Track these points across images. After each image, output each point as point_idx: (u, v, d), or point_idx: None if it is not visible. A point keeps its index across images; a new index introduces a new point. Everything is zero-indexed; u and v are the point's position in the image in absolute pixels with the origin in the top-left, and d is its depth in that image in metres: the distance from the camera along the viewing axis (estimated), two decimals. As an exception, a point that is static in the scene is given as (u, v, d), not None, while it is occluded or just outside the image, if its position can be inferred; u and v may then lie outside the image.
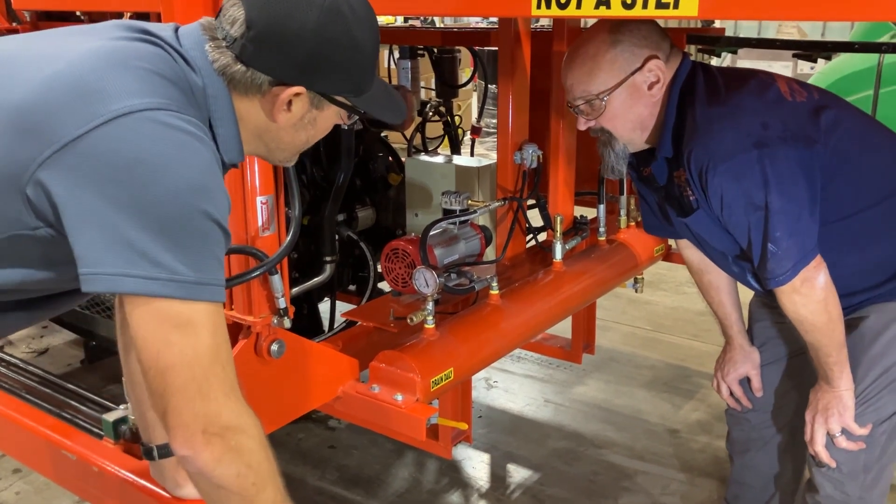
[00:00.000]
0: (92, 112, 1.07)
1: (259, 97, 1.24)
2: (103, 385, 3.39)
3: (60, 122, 1.07)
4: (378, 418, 1.84)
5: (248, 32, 1.19)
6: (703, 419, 3.39)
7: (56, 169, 1.06)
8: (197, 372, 1.10)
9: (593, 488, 2.91)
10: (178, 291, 1.07)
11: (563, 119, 2.50)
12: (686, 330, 4.36)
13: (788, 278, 1.75)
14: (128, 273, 1.05)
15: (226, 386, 1.13)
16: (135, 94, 1.10)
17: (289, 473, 2.96)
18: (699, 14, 1.32)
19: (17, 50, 1.23)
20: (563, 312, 2.35)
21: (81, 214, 1.06)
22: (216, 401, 1.12)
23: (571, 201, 2.65)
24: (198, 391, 1.10)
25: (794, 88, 1.83)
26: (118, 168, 1.05)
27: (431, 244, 2.09)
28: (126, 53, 1.16)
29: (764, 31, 11.38)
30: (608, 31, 1.82)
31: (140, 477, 1.63)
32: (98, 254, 1.05)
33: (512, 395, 3.61)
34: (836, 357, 1.82)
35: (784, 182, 1.68)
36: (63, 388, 2.02)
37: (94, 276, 1.06)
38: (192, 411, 1.10)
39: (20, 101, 1.10)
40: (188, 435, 1.11)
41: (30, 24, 3.80)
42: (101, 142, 1.06)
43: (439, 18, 8.50)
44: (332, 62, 1.23)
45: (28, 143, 1.08)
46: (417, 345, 1.89)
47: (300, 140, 1.34)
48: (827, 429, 1.87)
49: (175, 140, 1.09)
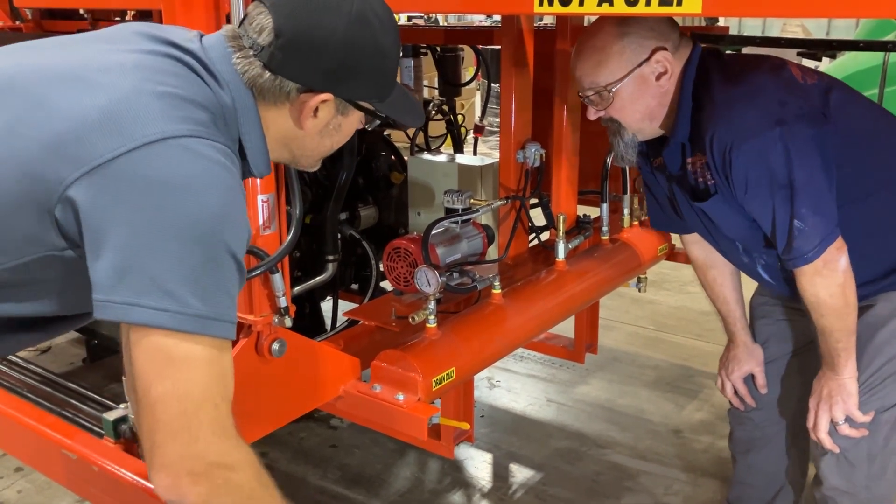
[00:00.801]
0: (124, 137, 1.07)
1: (287, 105, 1.25)
2: (105, 383, 3.39)
3: (92, 145, 1.07)
4: (380, 418, 1.84)
5: (277, 41, 1.20)
6: (707, 419, 3.38)
7: (84, 188, 1.07)
8: (187, 408, 1.07)
9: (596, 488, 2.90)
10: (185, 325, 1.06)
11: (566, 117, 2.49)
12: (690, 329, 4.34)
13: (816, 254, 1.73)
14: (137, 303, 1.04)
15: (216, 425, 1.09)
16: (166, 121, 1.10)
17: (290, 473, 2.95)
18: (703, 11, 1.31)
19: (47, 63, 1.20)
20: (565, 312, 2.34)
21: (101, 234, 1.06)
22: (203, 440, 1.08)
23: (574, 200, 2.64)
24: (185, 428, 1.07)
25: (804, 71, 1.85)
26: (143, 192, 1.06)
27: (433, 243, 2.08)
28: (158, 76, 1.15)
29: (768, 29, 11.37)
30: (616, 23, 1.83)
31: (140, 477, 1.62)
32: (111, 280, 1.05)
33: (514, 395, 3.60)
34: (844, 343, 1.81)
35: (806, 158, 1.68)
36: (63, 387, 2.02)
37: (105, 303, 1.06)
38: (176, 450, 1.07)
39: (60, 131, 1.09)
40: (173, 475, 1.07)
41: (33, 23, 3.80)
42: (130, 166, 1.06)
43: (443, 17, 8.50)
44: (360, 69, 1.24)
45: (59, 165, 1.08)
46: (419, 344, 1.88)
47: (325, 146, 1.35)
48: (830, 416, 1.87)
49: (202, 168, 1.09)
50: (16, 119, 1.12)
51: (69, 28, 3.68)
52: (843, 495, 1.95)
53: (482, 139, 3.64)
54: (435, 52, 3.39)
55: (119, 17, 4.08)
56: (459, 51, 3.43)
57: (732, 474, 2.45)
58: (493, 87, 3.60)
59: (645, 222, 2.75)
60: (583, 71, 1.89)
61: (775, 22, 8.41)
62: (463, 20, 9.57)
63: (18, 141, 1.11)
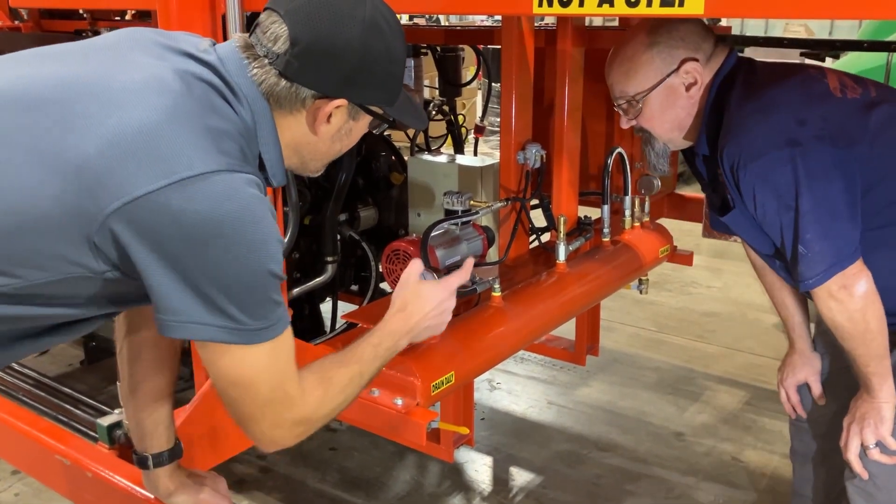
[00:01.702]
0: (163, 170, 1.09)
1: (302, 111, 1.28)
2: (103, 385, 3.38)
3: (128, 175, 1.09)
4: (378, 423, 1.82)
5: (294, 49, 1.22)
6: (709, 422, 3.35)
7: (127, 222, 1.09)
8: (257, 401, 1.23)
9: (597, 492, 2.88)
10: (244, 338, 1.17)
11: (567, 118, 2.47)
12: (691, 331, 4.32)
13: (819, 282, 1.67)
14: (205, 322, 1.15)
15: (283, 406, 1.25)
16: (204, 154, 1.12)
17: (289, 476, 2.94)
18: (705, 12, 1.28)
19: (73, 75, 1.19)
20: (566, 315, 2.32)
21: (155, 267, 1.12)
22: (287, 404, 1.26)
23: (575, 201, 2.61)
24: (259, 416, 1.25)
25: (845, 84, 1.76)
26: (187, 229, 1.10)
27: (433, 245, 2.06)
28: (189, 102, 1.16)
29: (771, 29, 11.33)
30: (646, 33, 1.81)
31: (134, 483, 1.60)
32: (177, 303, 1.13)
33: (515, 397, 3.58)
34: (874, 368, 1.74)
35: (817, 182, 1.62)
36: (58, 391, 2.00)
37: (174, 323, 1.15)
38: (260, 428, 1.26)
39: (86, 155, 1.09)
40: (273, 439, 1.28)
41: (32, 23, 3.78)
42: (174, 201, 1.09)
43: (444, 16, 8.48)
44: (374, 75, 1.27)
45: (98, 192, 1.09)
46: (418, 348, 1.85)
47: (335, 150, 1.37)
48: (861, 439, 1.81)
49: (240, 204, 1.13)
50: (52, 141, 1.11)
51: (68, 28, 3.66)
52: None
53: (483, 139, 3.62)
54: (435, 51, 3.37)
55: (119, 17, 4.06)
56: (460, 51, 3.41)
57: (791, 484, 2.40)
58: (493, 87, 3.57)
59: (646, 224, 2.73)
60: (614, 79, 1.88)
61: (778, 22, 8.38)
62: (464, 20, 9.54)
63: (56, 163, 1.10)
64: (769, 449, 3.14)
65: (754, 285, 5.11)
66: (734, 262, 5.37)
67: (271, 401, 1.24)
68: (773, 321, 4.44)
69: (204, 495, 1.60)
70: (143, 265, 1.12)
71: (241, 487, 2.85)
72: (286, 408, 1.26)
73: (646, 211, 2.73)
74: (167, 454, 1.58)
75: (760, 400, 3.53)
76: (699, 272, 5.03)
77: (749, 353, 4.03)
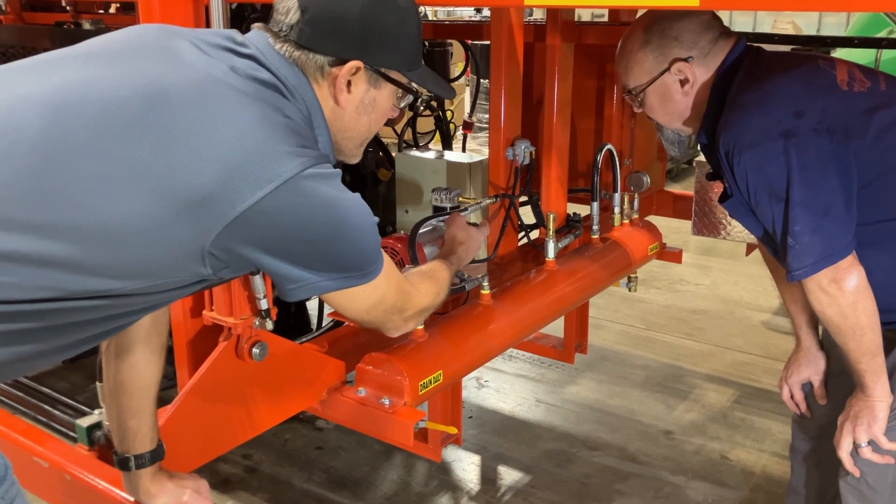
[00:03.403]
0: (258, 181, 1.11)
1: (324, 83, 1.29)
2: (86, 384, 3.32)
3: (231, 192, 1.11)
4: (365, 422, 1.79)
5: (304, 16, 1.25)
6: (697, 420, 3.34)
7: (238, 236, 1.13)
8: (387, 302, 1.40)
9: (585, 491, 2.86)
10: (364, 279, 1.29)
11: (556, 114, 2.44)
12: (679, 329, 4.31)
13: (805, 274, 1.66)
14: (327, 280, 1.24)
15: (403, 299, 1.44)
16: (287, 157, 1.14)
17: (275, 475, 2.90)
18: (700, 4, 1.26)
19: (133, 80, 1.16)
20: (555, 313, 2.29)
21: (272, 262, 1.19)
22: (411, 301, 1.47)
23: (564, 198, 2.60)
24: (392, 317, 1.44)
25: (854, 77, 1.74)
26: (295, 231, 1.16)
27: (421, 242, 2.03)
28: (260, 105, 1.19)
29: (759, 25, 11.35)
30: (642, 30, 1.81)
31: (114, 486, 1.56)
32: (297, 275, 1.21)
33: (503, 395, 3.56)
34: (865, 364, 1.73)
35: (810, 175, 1.61)
36: (36, 391, 1.96)
37: (296, 288, 1.23)
38: (400, 317, 1.46)
39: (186, 183, 1.10)
40: (407, 328, 1.50)
41: (13, 15, 3.72)
42: (273, 209, 1.13)
43: (432, 11, 8.44)
44: (385, 33, 1.29)
45: (200, 216, 1.11)
46: (405, 347, 1.83)
47: (363, 125, 1.37)
48: (853, 437, 1.80)
49: (334, 195, 1.20)
50: (154, 166, 1.11)
51: (49, 20, 3.61)
52: None
53: (471, 136, 3.59)
54: (423, 46, 3.34)
55: (102, 10, 4.01)
56: (448, 46, 3.38)
57: (789, 481, 2.39)
58: (482, 83, 3.55)
59: (635, 221, 2.71)
60: (619, 71, 1.91)
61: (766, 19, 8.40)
62: (452, 14, 9.51)
63: (169, 180, 1.11)
64: (758, 447, 3.13)
65: (742, 283, 5.14)
66: (722, 260, 5.37)
67: (399, 306, 1.43)
68: (760, 319, 4.44)
69: (186, 498, 1.56)
70: (259, 264, 1.20)
71: (226, 487, 2.81)
72: (410, 304, 1.46)
73: (635, 208, 2.71)
74: (149, 455, 1.54)
75: (749, 398, 3.52)
76: (687, 269, 5.02)
77: (737, 350, 4.03)
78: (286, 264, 1.19)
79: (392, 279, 1.40)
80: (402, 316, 1.46)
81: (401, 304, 1.44)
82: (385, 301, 1.39)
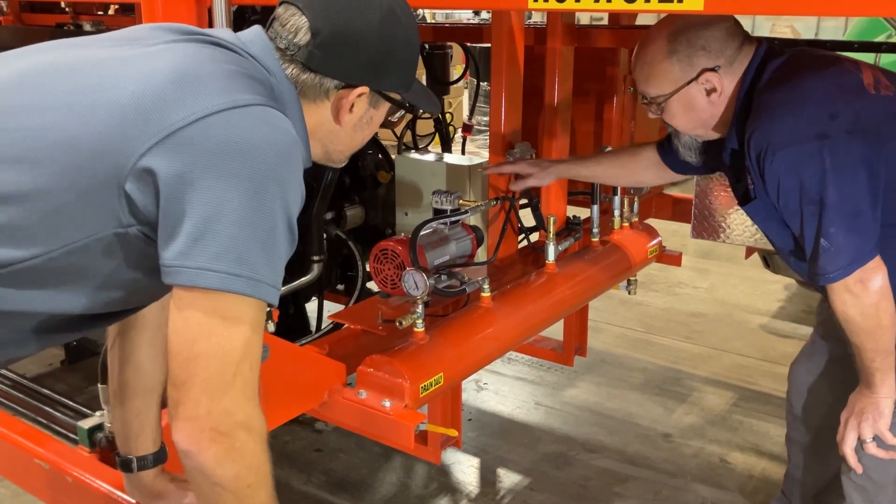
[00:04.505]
0: (194, 105, 1.08)
1: (326, 102, 1.28)
2: (84, 385, 3.31)
3: (161, 115, 1.07)
4: (365, 425, 1.79)
5: (315, 39, 1.23)
6: (696, 423, 3.34)
7: (160, 155, 1.06)
8: (227, 366, 1.08)
9: (584, 493, 2.86)
10: (251, 290, 1.08)
11: (556, 117, 2.45)
12: (678, 332, 4.31)
13: (839, 277, 1.68)
14: (210, 268, 1.05)
15: (248, 387, 1.12)
16: (234, 90, 1.12)
17: (274, 477, 2.89)
18: (705, 9, 1.26)
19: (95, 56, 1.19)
20: (555, 315, 2.30)
21: (177, 201, 1.05)
22: (235, 399, 1.10)
23: (564, 201, 2.60)
24: (221, 385, 1.09)
25: (880, 81, 1.75)
26: (219, 156, 1.06)
27: (421, 245, 2.03)
28: (209, 53, 1.18)
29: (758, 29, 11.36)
30: (666, 38, 1.78)
31: (116, 488, 1.56)
32: (185, 246, 1.05)
33: (502, 398, 3.56)
34: (879, 363, 1.75)
35: (843, 177, 1.62)
36: (37, 393, 1.96)
37: (177, 268, 1.06)
38: (208, 405, 1.08)
39: (121, 103, 1.09)
40: (197, 429, 1.09)
41: (12, 16, 3.72)
42: (205, 131, 1.07)
43: (430, 14, 8.45)
44: (393, 61, 1.29)
45: (131, 136, 1.07)
46: (406, 349, 1.83)
47: (357, 140, 1.37)
48: (859, 433, 1.82)
49: (275, 135, 1.12)
50: (87, 99, 1.10)
51: (49, 21, 3.61)
52: None
53: (470, 138, 3.59)
54: (423, 49, 3.34)
55: (101, 11, 4.00)
56: (448, 48, 3.39)
57: (787, 468, 2.43)
58: (481, 86, 3.55)
59: (635, 224, 2.72)
60: (637, 77, 1.89)
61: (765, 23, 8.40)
62: (450, 17, 9.52)
63: (88, 117, 1.09)
64: (757, 451, 3.13)
65: (741, 286, 5.14)
66: (721, 263, 5.37)
67: (237, 373, 1.09)
68: (759, 322, 4.45)
69: (188, 500, 1.56)
70: (167, 203, 1.06)
71: (225, 489, 2.80)
72: (246, 396, 1.11)
73: (634, 211, 2.71)
74: (152, 457, 1.55)
75: (748, 401, 3.52)
76: (686, 273, 5.02)
77: (736, 353, 4.03)
78: (188, 218, 1.05)
79: (256, 339, 1.11)
80: (220, 404, 1.08)
81: (234, 389, 1.09)
82: (230, 355, 1.08)
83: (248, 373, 1.10)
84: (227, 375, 1.08)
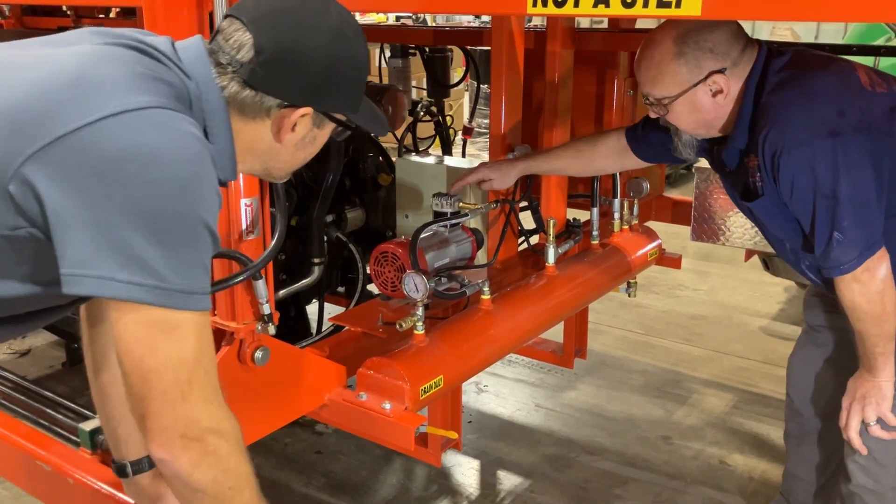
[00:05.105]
0: (87, 108, 1.04)
1: (267, 120, 1.24)
2: (85, 387, 3.30)
3: (52, 118, 1.04)
4: (365, 427, 1.79)
5: (258, 57, 1.19)
6: (696, 425, 3.35)
7: (43, 163, 1.02)
8: (180, 375, 1.08)
9: (584, 496, 2.87)
10: (164, 300, 1.05)
11: (556, 120, 2.45)
12: (678, 334, 4.32)
13: (852, 267, 1.74)
14: (114, 277, 1.02)
15: (207, 391, 1.11)
16: (132, 92, 1.07)
17: (274, 479, 2.90)
18: (702, 14, 1.26)
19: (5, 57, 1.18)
20: (555, 318, 2.30)
21: (67, 210, 1.02)
22: (196, 405, 1.10)
23: (564, 204, 2.60)
24: (180, 395, 1.08)
25: (873, 79, 1.81)
26: (111, 163, 1.02)
27: (422, 247, 2.04)
28: (121, 55, 1.14)
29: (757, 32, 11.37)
30: (673, 40, 1.80)
31: (117, 490, 1.57)
32: (84, 254, 1.02)
33: (502, 400, 3.57)
34: (882, 348, 1.81)
35: (854, 171, 1.68)
36: (38, 395, 1.96)
37: (77, 277, 1.02)
38: (172, 415, 1.08)
39: (15, 102, 1.07)
40: (166, 439, 1.09)
41: (13, 19, 3.73)
42: (95, 137, 1.03)
43: (431, 17, 8.46)
44: (340, 83, 1.26)
45: (17, 139, 1.04)
46: (407, 351, 1.84)
47: (299, 158, 1.34)
48: (862, 416, 1.88)
49: (169, 139, 1.06)
50: None
51: (50, 25, 3.62)
52: (869, 493, 1.97)
53: (471, 141, 3.60)
54: (423, 52, 3.35)
55: (103, 14, 4.01)
56: (448, 51, 3.40)
57: (785, 468, 2.44)
58: (481, 89, 3.56)
59: (635, 227, 2.72)
60: (641, 78, 1.90)
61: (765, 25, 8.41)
62: (451, 20, 9.52)
63: None
64: (757, 453, 3.13)
65: (741, 288, 5.14)
66: (721, 265, 5.38)
67: (192, 380, 1.09)
68: (759, 324, 4.45)
69: (188, 502, 1.56)
70: (52, 208, 1.02)
71: (226, 491, 2.81)
72: (207, 400, 1.11)
73: (634, 213, 2.72)
74: (146, 460, 1.54)
75: (747, 403, 3.53)
76: (686, 275, 5.03)
77: (736, 356, 4.03)
78: (80, 225, 1.01)
79: (203, 345, 1.10)
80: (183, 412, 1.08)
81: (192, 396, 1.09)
82: (181, 364, 1.07)
83: (203, 378, 1.10)
84: (182, 385, 1.08)
